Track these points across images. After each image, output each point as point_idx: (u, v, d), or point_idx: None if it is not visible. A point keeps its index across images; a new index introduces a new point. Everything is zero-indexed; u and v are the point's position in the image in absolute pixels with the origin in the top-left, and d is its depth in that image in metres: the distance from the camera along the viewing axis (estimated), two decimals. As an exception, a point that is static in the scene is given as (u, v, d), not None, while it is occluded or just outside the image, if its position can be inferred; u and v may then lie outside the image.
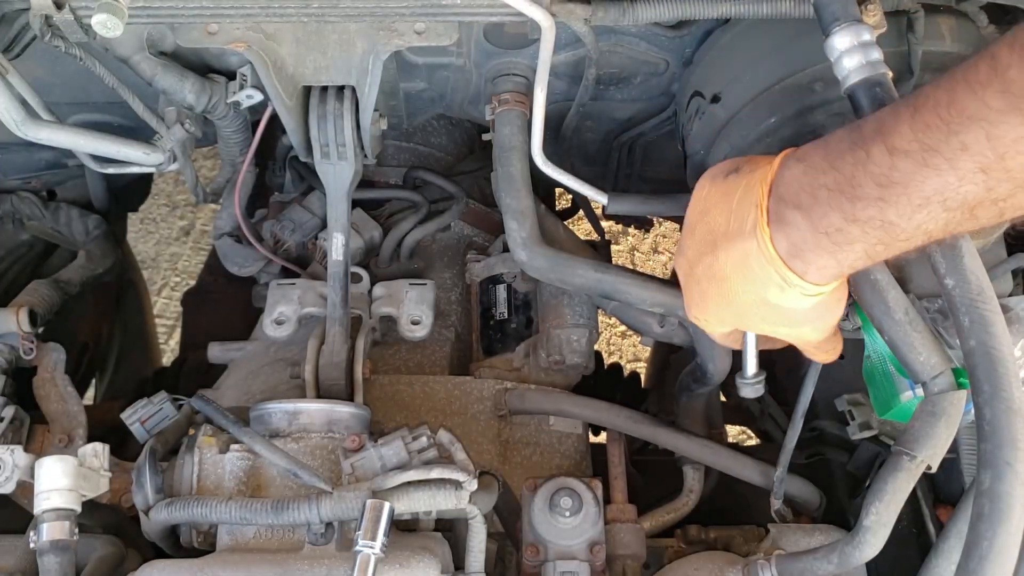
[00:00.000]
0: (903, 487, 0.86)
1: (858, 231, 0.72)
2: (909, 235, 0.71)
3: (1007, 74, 0.61)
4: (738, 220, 0.80)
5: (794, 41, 1.04)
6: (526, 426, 1.21)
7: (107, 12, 0.89)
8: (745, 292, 0.82)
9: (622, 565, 1.05)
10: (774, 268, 0.78)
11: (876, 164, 0.69)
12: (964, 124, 0.64)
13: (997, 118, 0.62)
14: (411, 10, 1.01)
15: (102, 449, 0.99)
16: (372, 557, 0.84)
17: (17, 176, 1.44)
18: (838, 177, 0.72)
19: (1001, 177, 0.64)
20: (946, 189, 0.66)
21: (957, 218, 0.68)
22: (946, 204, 0.67)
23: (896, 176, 0.68)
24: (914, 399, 0.94)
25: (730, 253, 0.81)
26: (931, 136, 0.65)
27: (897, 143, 0.67)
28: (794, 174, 0.76)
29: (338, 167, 1.15)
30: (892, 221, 0.70)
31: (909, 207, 0.69)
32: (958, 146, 0.64)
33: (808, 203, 0.74)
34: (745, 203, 0.80)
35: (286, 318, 1.22)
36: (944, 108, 0.65)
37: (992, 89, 0.62)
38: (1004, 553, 0.75)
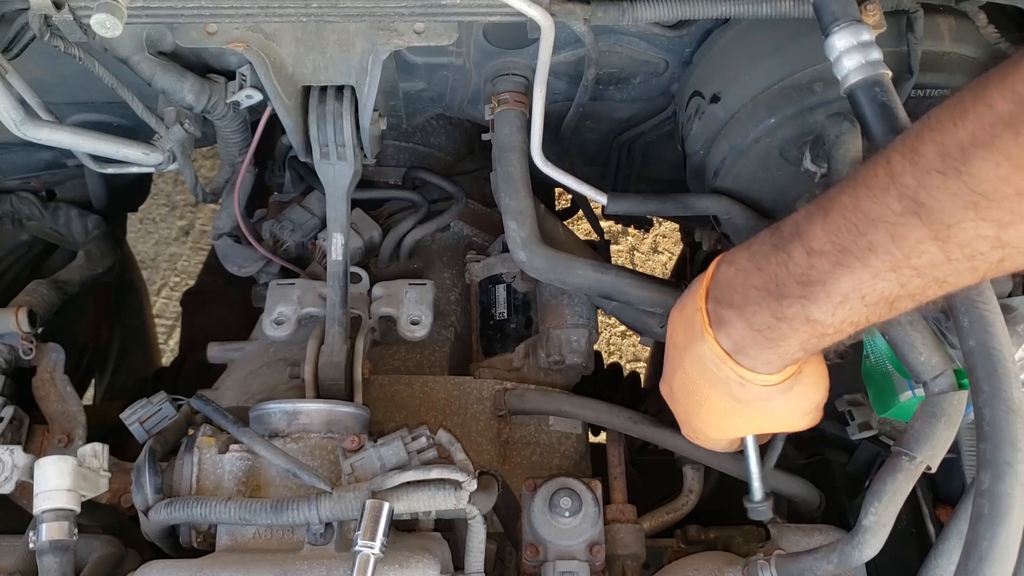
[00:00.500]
0: (903, 487, 0.86)
1: (787, 328, 0.76)
2: (836, 330, 0.75)
3: (903, 180, 0.65)
4: (689, 328, 0.85)
5: (794, 41, 1.04)
6: (526, 426, 1.21)
7: (106, 12, 0.88)
8: (714, 396, 0.87)
9: (622, 565, 1.05)
10: (727, 366, 0.82)
11: (796, 264, 0.73)
12: (869, 226, 0.68)
13: (898, 220, 0.66)
14: (410, 10, 1.01)
15: (101, 449, 0.99)
16: (371, 557, 0.84)
17: (16, 176, 1.44)
18: (764, 277, 0.76)
19: (911, 274, 0.68)
20: (862, 286, 0.71)
21: (878, 312, 0.72)
22: (864, 300, 0.72)
23: (814, 275, 0.72)
24: (913, 399, 0.94)
25: (692, 361, 0.86)
26: (842, 237, 0.70)
27: (813, 244, 0.72)
28: (726, 276, 0.81)
29: (337, 167, 1.15)
30: (816, 319, 0.74)
31: (830, 304, 0.73)
32: (866, 246, 0.68)
33: (740, 303, 0.79)
34: (691, 310, 0.85)
35: (285, 318, 1.22)
36: (850, 211, 0.69)
37: (890, 194, 0.66)
38: (1003, 553, 0.75)
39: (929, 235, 0.65)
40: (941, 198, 0.64)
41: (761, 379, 0.82)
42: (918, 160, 0.64)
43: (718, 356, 0.82)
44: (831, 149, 0.98)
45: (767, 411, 0.88)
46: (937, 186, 0.63)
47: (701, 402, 0.89)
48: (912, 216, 0.65)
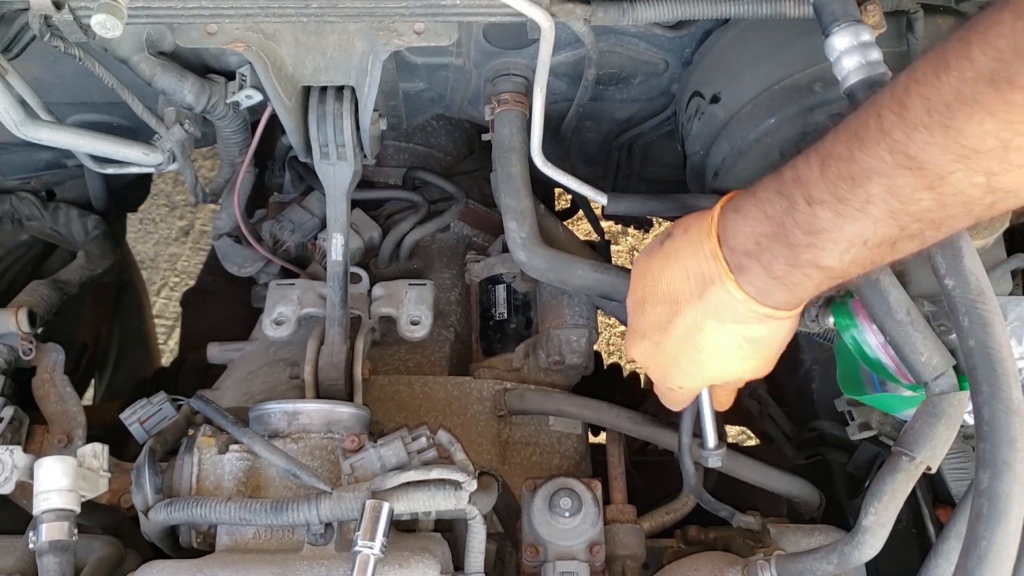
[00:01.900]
0: (902, 488, 0.86)
1: (801, 274, 0.78)
2: (845, 272, 0.77)
3: (893, 135, 0.67)
4: (697, 275, 0.84)
5: (794, 41, 1.04)
6: (525, 426, 1.21)
7: (106, 12, 0.88)
8: (724, 338, 0.86)
9: (621, 565, 1.05)
10: (748, 307, 0.82)
11: (800, 213, 0.75)
12: (866, 177, 0.70)
13: (892, 172, 0.68)
14: (410, 10, 1.01)
15: (101, 449, 0.99)
16: (371, 557, 0.84)
17: (16, 176, 1.44)
18: (772, 225, 0.77)
19: (909, 220, 0.70)
20: (864, 232, 0.72)
21: (882, 253, 0.74)
22: (868, 244, 0.73)
23: (818, 224, 0.74)
24: (878, 395, 0.97)
25: (700, 306, 0.85)
26: (840, 188, 0.71)
27: (814, 193, 0.73)
28: (736, 224, 0.81)
29: (337, 167, 1.15)
30: (826, 264, 0.76)
31: (837, 251, 0.75)
32: (864, 197, 0.70)
33: (756, 251, 0.80)
34: (698, 258, 0.84)
35: (285, 318, 1.22)
36: (846, 162, 0.71)
37: (882, 147, 0.68)
38: (1002, 553, 0.75)
39: (923, 185, 0.67)
40: (931, 152, 0.65)
41: (782, 314, 0.83)
42: (906, 115, 0.66)
43: (740, 299, 0.82)
44: (831, 149, 0.98)
45: (769, 346, 0.88)
46: (926, 141, 0.65)
47: (702, 348, 0.88)
48: (904, 169, 0.67)
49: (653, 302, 0.90)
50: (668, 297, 0.88)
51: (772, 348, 0.89)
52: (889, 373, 0.93)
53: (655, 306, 0.89)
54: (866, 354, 0.94)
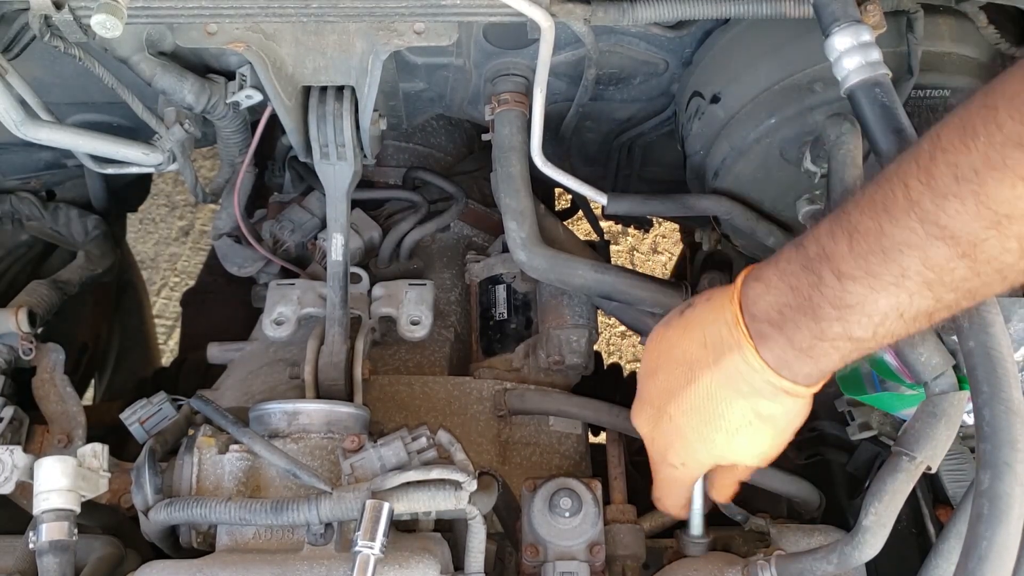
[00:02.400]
0: (902, 488, 0.86)
1: (829, 346, 0.76)
2: (877, 344, 0.75)
3: (922, 205, 0.66)
4: (715, 342, 0.82)
5: (794, 41, 1.04)
6: (525, 426, 1.21)
7: (106, 12, 0.88)
8: (734, 410, 0.83)
9: (621, 566, 1.05)
10: (765, 378, 0.80)
11: (829, 287, 0.73)
12: (898, 252, 0.68)
13: (924, 243, 0.67)
14: (410, 10, 1.01)
15: (101, 449, 0.99)
16: (371, 557, 0.84)
17: (16, 176, 1.44)
18: (798, 298, 0.75)
19: (945, 291, 0.69)
20: (900, 306, 0.71)
21: (918, 324, 0.73)
22: (904, 317, 0.72)
23: (849, 299, 0.72)
24: (877, 395, 0.97)
25: (715, 374, 0.82)
26: (872, 264, 0.70)
27: (843, 268, 0.72)
28: (758, 293, 0.79)
29: (337, 167, 1.15)
30: (857, 337, 0.74)
31: (870, 325, 0.73)
32: (899, 272, 0.69)
33: (779, 321, 0.77)
34: (718, 325, 0.82)
35: (285, 318, 1.22)
36: (875, 238, 0.69)
37: (912, 219, 0.67)
38: (1003, 553, 0.75)
39: (956, 254, 0.66)
40: (962, 220, 0.65)
41: (800, 390, 0.81)
42: (934, 185, 0.65)
43: (756, 368, 0.79)
44: (831, 149, 0.98)
45: (779, 427, 0.85)
46: (956, 209, 0.65)
47: (709, 419, 0.85)
48: (937, 239, 0.66)
49: (666, 369, 0.87)
50: (682, 363, 0.85)
51: (783, 430, 0.86)
52: (891, 371, 0.93)
53: (668, 372, 0.87)
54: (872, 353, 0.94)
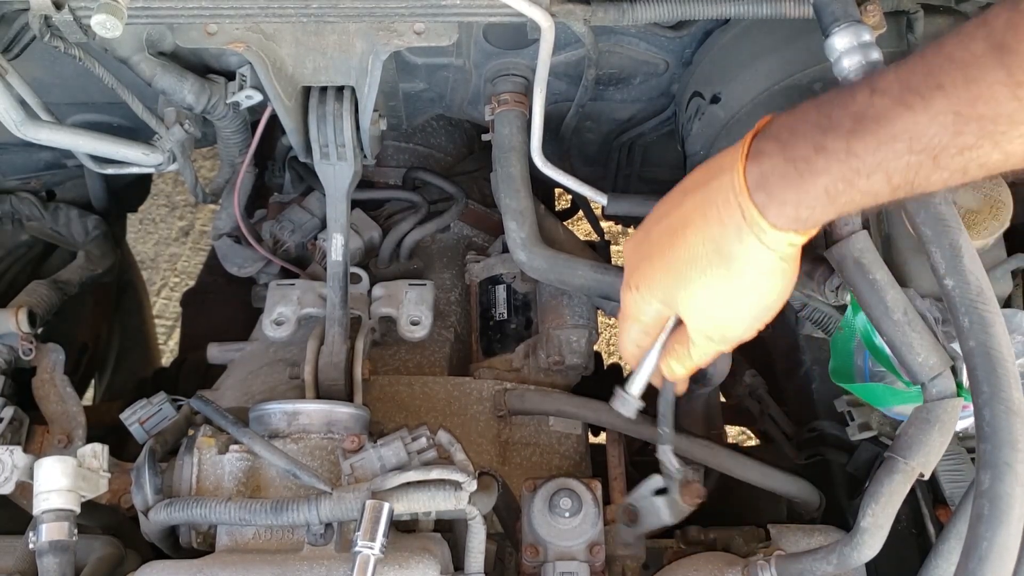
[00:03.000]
0: (900, 489, 0.86)
1: (823, 162, 0.72)
2: (870, 171, 0.71)
3: (994, 23, 0.63)
4: (714, 168, 0.80)
5: (794, 41, 1.04)
6: (525, 427, 1.21)
7: (106, 12, 0.88)
8: (697, 235, 0.80)
9: (621, 566, 1.05)
10: (738, 201, 0.76)
11: (856, 102, 0.70)
12: (944, 66, 0.66)
13: (976, 61, 0.64)
14: (410, 10, 1.01)
15: (101, 450, 0.99)
16: (371, 558, 0.84)
17: (16, 176, 1.44)
18: (819, 114, 0.73)
19: (970, 120, 0.65)
20: (915, 128, 0.68)
21: (919, 162, 0.69)
22: (911, 145, 0.68)
23: (871, 112, 0.69)
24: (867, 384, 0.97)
25: (696, 195, 0.81)
26: (912, 77, 0.67)
27: (879, 84, 0.70)
28: (781, 117, 0.77)
29: (337, 168, 1.15)
30: (856, 153, 0.70)
31: (875, 140, 0.69)
32: (935, 85, 0.66)
33: (786, 136, 0.75)
34: (726, 153, 0.80)
35: (285, 319, 1.22)
36: (929, 55, 0.67)
37: (977, 37, 0.64)
38: (1003, 554, 0.75)
39: (1004, 77, 0.63)
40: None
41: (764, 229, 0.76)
42: (1016, 4, 0.62)
43: (735, 189, 0.76)
44: (831, 149, 0.98)
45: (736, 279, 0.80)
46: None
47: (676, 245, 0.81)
48: (992, 57, 0.63)
49: (672, 195, 0.85)
50: (685, 188, 0.83)
51: (738, 286, 0.80)
52: (892, 365, 0.93)
53: (671, 197, 0.85)
54: (873, 341, 0.94)
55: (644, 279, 0.87)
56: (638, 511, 1.03)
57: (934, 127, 0.67)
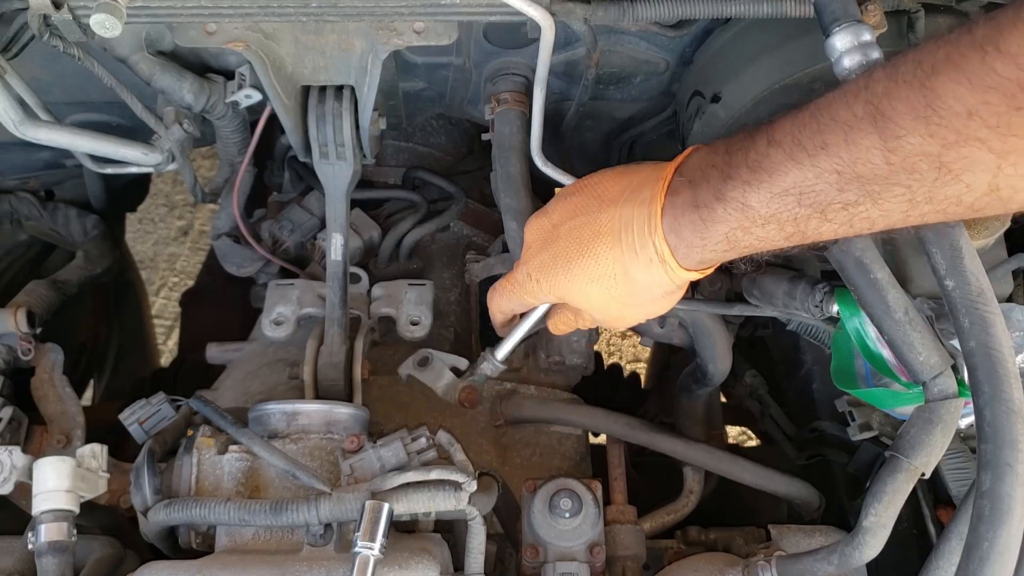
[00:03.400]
0: (902, 488, 0.86)
1: (722, 211, 0.78)
2: (764, 221, 0.76)
3: (875, 88, 0.69)
4: (634, 191, 0.85)
5: (794, 41, 1.04)
6: (526, 427, 1.21)
7: (105, 12, 0.88)
8: (608, 256, 0.86)
9: (622, 566, 1.04)
10: (653, 239, 0.82)
11: (755, 150, 0.75)
12: (829, 125, 0.70)
13: (856, 123, 0.69)
14: (410, 9, 1.01)
15: (100, 450, 0.99)
16: (371, 558, 0.84)
17: (15, 176, 1.44)
18: (726, 159, 0.78)
19: (851, 180, 0.71)
20: (803, 183, 0.73)
21: (808, 214, 0.74)
22: (800, 199, 0.74)
23: (766, 163, 0.74)
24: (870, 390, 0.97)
25: (614, 215, 0.85)
26: (802, 133, 0.72)
27: (776, 135, 0.74)
28: (699, 155, 0.83)
29: (337, 167, 1.15)
30: (751, 205, 0.76)
31: (768, 193, 0.75)
32: (820, 144, 0.71)
33: (697, 178, 0.81)
34: (647, 180, 0.84)
35: (285, 318, 1.22)
36: (819, 110, 0.72)
37: (859, 100, 0.69)
38: (1004, 554, 0.75)
39: (878, 143, 0.68)
40: (899, 108, 0.66)
41: (671, 266, 0.83)
42: (894, 72, 0.67)
43: (651, 225, 0.82)
44: (832, 149, 0.98)
45: (634, 300, 0.88)
46: (900, 96, 0.66)
47: (586, 256, 0.87)
48: (869, 122, 0.68)
49: (581, 194, 0.90)
50: (595, 196, 0.88)
51: (638, 305, 0.89)
52: (888, 368, 0.93)
53: (581, 197, 0.90)
54: (867, 346, 0.94)
55: (546, 276, 0.92)
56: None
57: (820, 183, 0.72)
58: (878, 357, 0.94)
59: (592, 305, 0.91)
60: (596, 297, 0.89)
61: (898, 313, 0.86)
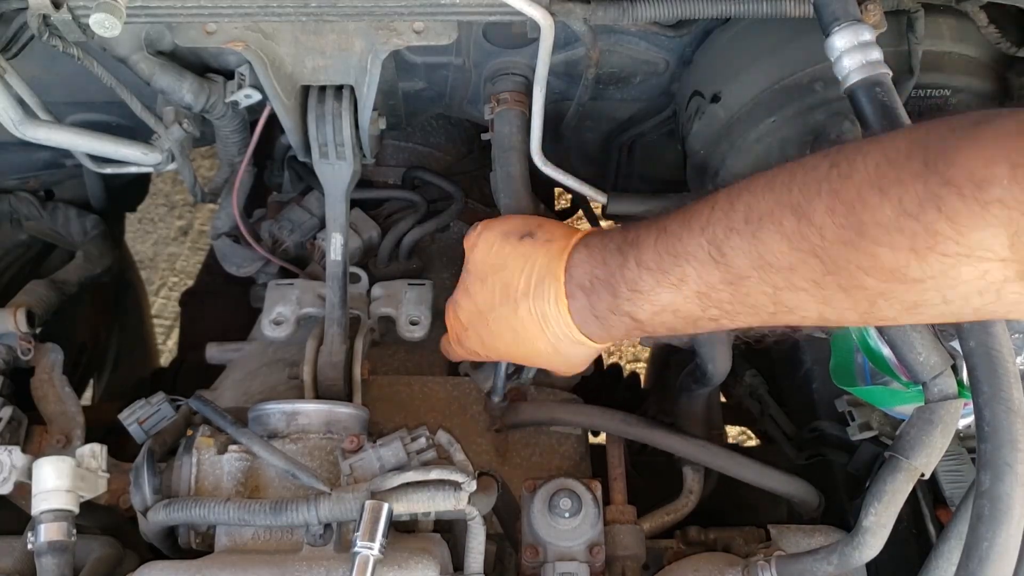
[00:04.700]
0: (902, 488, 0.86)
1: (615, 320, 0.87)
2: (654, 330, 0.87)
3: (714, 230, 0.77)
4: (539, 288, 0.93)
5: (794, 41, 1.04)
6: (525, 427, 1.21)
7: (105, 12, 0.88)
8: (540, 342, 0.95)
9: (621, 566, 1.04)
10: (570, 332, 0.92)
11: (630, 271, 0.84)
12: (686, 259, 0.79)
13: (705, 260, 0.78)
14: (410, 9, 1.01)
15: (100, 450, 0.99)
16: (371, 558, 0.84)
17: (15, 176, 1.44)
18: (607, 272, 0.87)
19: (710, 305, 0.80)
20: (675, 303, 0.82)
21: (684, 324, 0.84)
22: (676, 314, 0.83)
23: (641, 286, 0.84)
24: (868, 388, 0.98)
25: (532, 313, 0.94)
26: (665, 262, 0.81)
27: (644, 259, 0.83)
28: (582, 258, 0.91)
29: (336, 167, 1.15)
30: (639, 319, 0.86)
31: (651, 311, 0.84)
32: (680, 275, 0.80)
33: (588, 288, 0.89)
34: (544, 275, 0.93)
35: (284, 318, 1.22)
36: (673, 241, 0.81)
37: (704, 238, 0.78)
38: (1004, 554, 0.75)
39: (724, 280, 0.77)
40: (737, 255, 0.75)
41: (593, 345, 0.93)
42: (730, 217, 0.76)
43: (565, 323, 0.91)
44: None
45: (572, 362, 0.99)
46: (735, 244, 0.75)
47: (521, 341, 0.96)
48: (714, 263, 0.77)
49: (494, 284, 0.98)
50: (510, 288, 0.95)
51: (576, 365, 1.01)
52: (888, 366, 0.93)
53: (494, 288, 0.97)
54: (868, 344, 0.94)
55: (490, 352, 1.03)
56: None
57: (688, 305, 0.81)
58: (879, 355, 0.94)
59: (540, 364, 1.03)
60: (539, 362, 1.02)
61: (898, 313, 0.86)
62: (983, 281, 0.64)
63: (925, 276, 0.65)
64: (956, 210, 0.62)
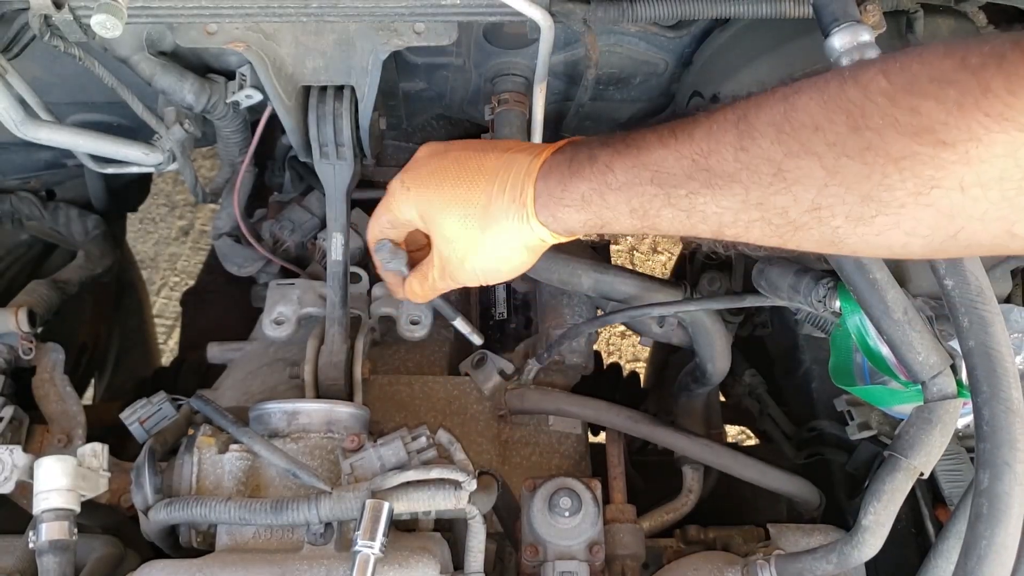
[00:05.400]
0: (901, 487, 0.87)
1: (588, 170, 0.84)
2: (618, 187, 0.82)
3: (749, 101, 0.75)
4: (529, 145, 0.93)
5: (793, 41, 1.04)
6: (525, 426, 1.21)
7: (106, 12, 0.88)
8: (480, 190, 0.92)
9: (621, 565, 1.05)
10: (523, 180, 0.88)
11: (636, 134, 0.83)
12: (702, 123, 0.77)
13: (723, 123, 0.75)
14: (410, 10, 1.01)
15: (101, 449, 0.99)
16: (371, 557, 0.84)
17: (16, 176, 1.44)
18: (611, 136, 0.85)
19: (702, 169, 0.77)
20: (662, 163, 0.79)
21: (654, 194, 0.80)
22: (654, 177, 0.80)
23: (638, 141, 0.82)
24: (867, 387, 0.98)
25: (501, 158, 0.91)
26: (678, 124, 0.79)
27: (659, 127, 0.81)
28: (565, 150, 0.89)
29: (337, 167, 1.15)
30: (613, 168, 0.83)
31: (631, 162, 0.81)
32: (688, 134, 0.78)
33: (581, 145, 0.87)
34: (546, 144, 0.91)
35: (285, 318, 1.22)
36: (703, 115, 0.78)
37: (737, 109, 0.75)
38: (1002, 553, 0.75)
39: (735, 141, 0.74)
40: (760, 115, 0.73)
41: (544, 235, 0.89)
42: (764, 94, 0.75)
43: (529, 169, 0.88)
44: (831, 149, 0.98)
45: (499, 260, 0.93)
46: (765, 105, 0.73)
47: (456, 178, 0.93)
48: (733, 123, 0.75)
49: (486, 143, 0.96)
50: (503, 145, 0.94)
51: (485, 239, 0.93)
52: (887, 366, 0.94)
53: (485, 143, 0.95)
54: (867, 343, 0.94)
55: (417, 186, 0.97)
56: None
57: (676, 167, 0.78)
58: (877, 355, 0.94)
59: (444, 233, 0.95)
60: (451, 224, 0.94)
61: (897, 313, 0.87)
62: (1011, 160, 0.62)
63: (957, 140, 0.63)
64: (1015, 66, 0.61)
